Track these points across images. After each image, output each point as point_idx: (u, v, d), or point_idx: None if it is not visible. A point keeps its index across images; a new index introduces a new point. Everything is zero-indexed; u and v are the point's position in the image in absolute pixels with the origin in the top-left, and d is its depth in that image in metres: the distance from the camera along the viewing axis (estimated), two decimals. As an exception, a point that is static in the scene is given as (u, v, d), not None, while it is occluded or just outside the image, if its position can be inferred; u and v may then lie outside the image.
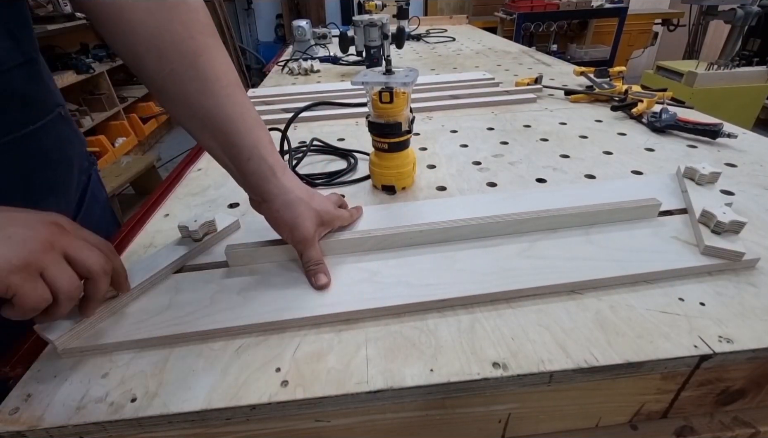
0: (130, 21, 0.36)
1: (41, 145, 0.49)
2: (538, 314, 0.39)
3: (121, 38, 0.37)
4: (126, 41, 0.37)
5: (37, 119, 0.48)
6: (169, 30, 0.37)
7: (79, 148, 0.59)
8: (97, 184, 0.64)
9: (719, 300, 0.39)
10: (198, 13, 0.39)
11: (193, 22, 0.38)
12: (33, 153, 0.48)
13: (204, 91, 0.38)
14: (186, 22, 0.38)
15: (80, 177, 0.59)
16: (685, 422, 0.39)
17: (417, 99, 1.01)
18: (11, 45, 0.44)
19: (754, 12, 2.10)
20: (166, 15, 0.37)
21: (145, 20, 0.36)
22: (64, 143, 0.54)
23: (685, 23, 3.16)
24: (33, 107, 0.48)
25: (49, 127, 0.50)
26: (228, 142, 0.40)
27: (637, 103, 0.84)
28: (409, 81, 0.52)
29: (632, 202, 0.49)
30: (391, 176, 0.61)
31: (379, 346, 0.36)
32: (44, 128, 0.49)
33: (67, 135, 0.55)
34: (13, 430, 0.31)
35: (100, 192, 0.65)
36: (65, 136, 0.54)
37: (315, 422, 0.34)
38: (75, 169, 0.56)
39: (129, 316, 0.40)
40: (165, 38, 0.37)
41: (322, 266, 0.43)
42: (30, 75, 0.48)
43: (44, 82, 0.51)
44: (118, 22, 0.36)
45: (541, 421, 0.38)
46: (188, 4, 0.38)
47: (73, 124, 0.58)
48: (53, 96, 0.53)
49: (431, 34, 2.04)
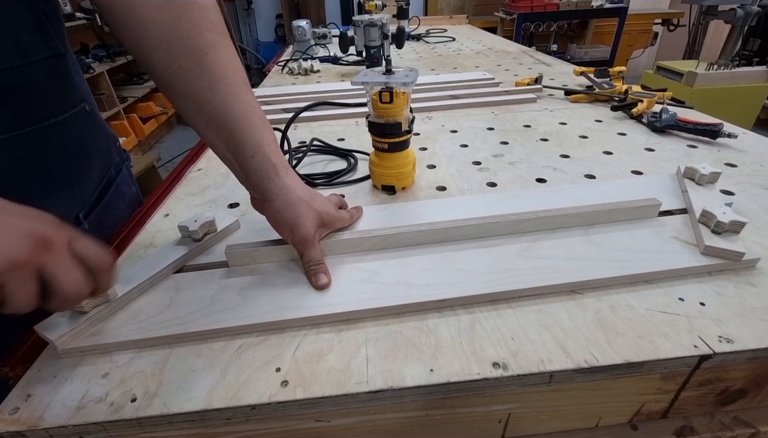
0: (141, 17, 0.37)
1: (62, 138, 0.50)
2: (538, 314, 0.39)
3: (130, 33, 0.38)
4: (135, 36, 0.37)
5: (59, 113, 0.49)
6: (178, 27, 0.37)
7: (103, 144, 0.60)
8: (126, 179, 0.66)
9: (719, 300, 0.39)
10: (208, 11, 0.39)
11: (202, 20, 0.39)
12: (53, 145, 0.49)
13: (211, 89, 0.39)
14: (195, 19, 0.38)
15: (105, 171, 0.60)
16: (685, 422, 0.39)
17: (417, 99, 1.01)
18: (40, 39, 0.46)
19: (754, 12, 2.10)
20: (176, 12, 0.37)
21: (154, 17, 0.37)
22: (86, 138, 0.55)
23: (685, 23, 3.15)
24: (56, 100, 0.49)
25: (70, 121, 0.51)
26: (232, 139, 0.40)
27: (637, 103, 0.84)
28: (409, 81, 0.52)
29: (632, 202, 0.49)
30: (391, 176, 0.61)
31: (379, 346, 0.36)
32: (66, 122, 0.50)
33: (90, 130, 0.56)
34: (13, 430, 0.31)
35: (128, 188, 0.66)
36: (87, 131, 0.55)
37: (315, 422, 0.34)
38: (96, 164, 0.57)
39: (129, 316, 0.40)
40: (174, 35, 0.37)
41: (322, 266, 0.43)
42: (55, 69, 0.49)
43: (69, 77, 0.52)
44: (128, 18, 0.37)
45: (541, 421, 0.38)
46: (198, 2, 0.39)
47: (99, 120, 0.59)
48: (78, 91, 0.54)
49: (431, 34, 2.04)
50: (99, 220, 0.57)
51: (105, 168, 0.60)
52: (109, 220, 0.59)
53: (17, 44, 0.43)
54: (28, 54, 0.44)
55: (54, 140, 0.49)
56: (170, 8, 0.37)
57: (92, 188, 0.57)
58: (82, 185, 0.55)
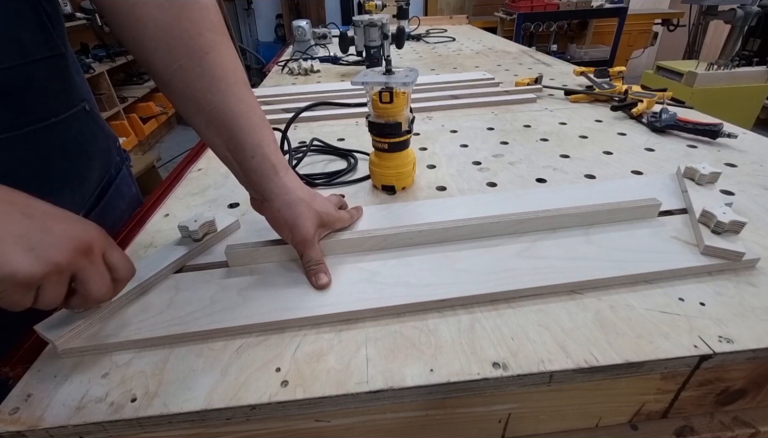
0: (141, 17, 0.37)
1: (62, 137, 0.50)
2: (538, 314, 0.39)
3: (130, 33, 0.38)
4: (135, 36, 0.38)
5: (60, 112, 0.49)
6: (179, 27, 0.37)
7: (103, 144, 0.59)
8: (126, 179, 0.66)
9: (719, 300, 0.39)
10: (209, 11, 0.39)
11: (203, 20, 0.39)
12: (53, 145, 0.49)
13: (211, 88, 0.39)
14: (196, 19, 0.38)
15: (105, 171, 0.60)
16: (685, 422, 0.39)
17: (417, 99, 1.01)
18: (42, 38, 0.46)
19: (754, 12, 2.10)
20: (177, 12, 0.37)
21: (155, 16, 0.37)
22: (86, 138, 0.55)
23: (685, 23, 3.15)
24: (56, 100, 0.49)
25: (70, 120, 0.51)
26: (232, 139, 0.40)
27: (637, 103, 0.84)
28: (409, 81, 0.52)
29: (632, 202, 0.49)
30: (391, 176, 0.61)
31: (379, 346, 0.36)
32: (66, 121, 0.50)
33: (89, 130, 0.56)
34: (13, 430, 0.31)
35: (128, 188, 0.66)
36: (87, 131, 0.55)
37: (315, 422, 0.34)
38: (96, 164, 0.57)
39: (129, 315, 0.40)
40: (174, 34, 0.37)
41: (322, 266, 0.43)
42: (55, 68, 0.49)
43: (70, 77, 0.52)
44: (128, 17, 0.37)
45: (541, 421, 0.38)
46: (199, 2, 0.39)
47: (100, 120, 0.59)
48: (78, 91, 0.54)
49: (431, 34, 2.04)
50: (99, 220, 0.57)
51: (105, 168, 0.60)
52: (108, 220, 0.59)
53: (18, 43, 0.43)
54: (29, 53, 0.44)
55: (54, 140, 0.49)
56: (171, 8, 0.37)
57: (92, 188, 0.57)
58: (82, 185, 0.55)
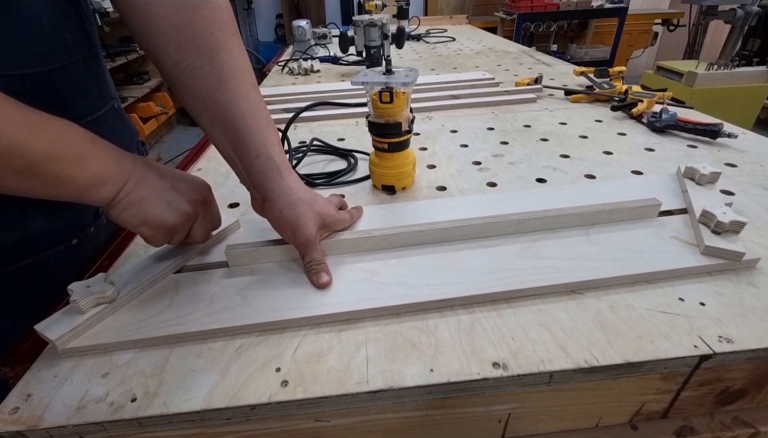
0: (156, 14, 0.38)
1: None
2: (538, 314, 0.39)
3: (143, 29, 0.38)
4: (147, 32, 0.38)
5: (94, 111, 0.51)
6: (191, 26, 0.38)
7: (128, 140, 0.61)
8: None
9: (719, 300, 0.39)
10: (221, 11, 0.40)
11: (214, 20, 0.39)
12: None
13: (219, 87, 0.39)
14: (208, 19, 0.39)
15: None
16: (685, 422, 0.39)
17: (417, 99, 1.01)
18: (81, 38, 0.47)
19: (754, 12, 2.10)
20: (190, 11, 0.38)
21: (169, 15, 0.38)
22: (115, 134, 0.55)
23: (685, 23, 3.16)
24: (92, 99, 0.51)
25: (103, 118, 0.52)
26: (237, 138, 0.40)
27: (637, 103, 0.84)
28: (409, 81, 0.52)
29: (632, 202, 0.49)
30: (391, 176, 0.61)
31: (379, 346, 0.36)
32: (99, 119, 0.51)
33: (117, 126, 0.57)
34: (13, 430, 0.31)
35: None
36: (116, 128, 0.56)
37: (315, 422, 0.34)
38: None
39: (129, 316, 0.40)
40: (185, 33, 0.38)
41: (324, 266, 0.43)
42: (91, 68, 0.50)
43: (103, 75, 0.53)
44: (143, 14, 0.38)
45: (541, 421, 0.38)
46: (212, 2, 0.39)
47: (125, 116, 0.60)
48: (108, 89, 0.55)
49: (431, 34, 2.04)
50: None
51: None
52: None
53: (63, 43, 0.44)
54: (71, 53, 0.45)
55: None
56: (185, 7, 0.38)
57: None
58: None
